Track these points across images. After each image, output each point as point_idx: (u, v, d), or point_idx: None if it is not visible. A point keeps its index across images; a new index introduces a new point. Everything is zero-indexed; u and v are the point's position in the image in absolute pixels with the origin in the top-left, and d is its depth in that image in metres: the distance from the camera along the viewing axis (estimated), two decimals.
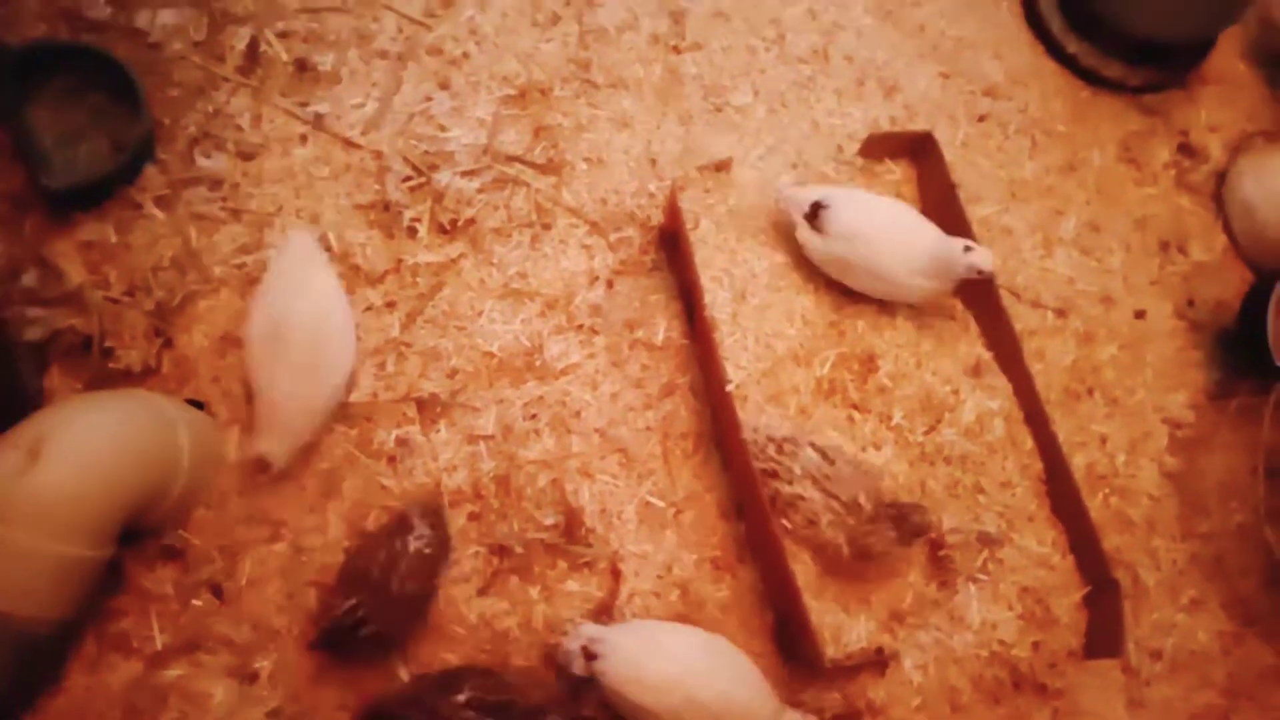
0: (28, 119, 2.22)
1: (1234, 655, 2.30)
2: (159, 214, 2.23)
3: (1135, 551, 2.34)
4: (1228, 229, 2.79)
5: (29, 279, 2.11)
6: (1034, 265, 2.61)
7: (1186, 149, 2.90)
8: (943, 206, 2.44)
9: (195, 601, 1.93)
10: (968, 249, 2.18)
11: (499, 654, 1.98)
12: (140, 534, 1.91)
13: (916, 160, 2.57)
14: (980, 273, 2.19)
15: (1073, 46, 2.93)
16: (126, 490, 1.76)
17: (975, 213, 2.57)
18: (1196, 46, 2.99)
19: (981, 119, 2.80)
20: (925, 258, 2.23)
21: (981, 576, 2.15)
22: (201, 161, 2.31)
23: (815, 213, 2.29)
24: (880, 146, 2.56)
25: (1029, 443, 2.31)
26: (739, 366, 2.25)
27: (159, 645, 1.88)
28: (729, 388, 2.14)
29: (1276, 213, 2.69)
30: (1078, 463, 2.35)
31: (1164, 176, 2.85)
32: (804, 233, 2.32)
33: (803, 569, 2.08)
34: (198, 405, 2.05)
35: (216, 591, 1.95)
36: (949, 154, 2.51)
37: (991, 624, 2.14)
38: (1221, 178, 2.84)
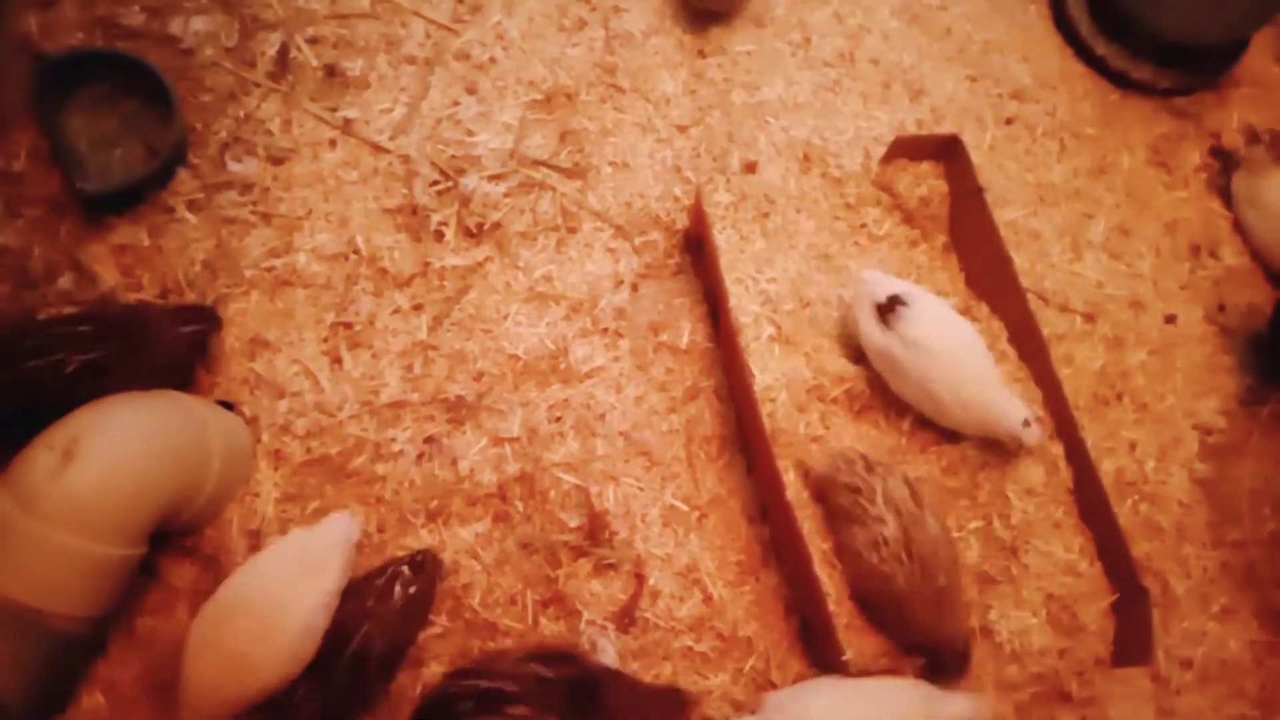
0: (64, 125, 2.26)
1: (1266, 665, 2.27)
2: (191, 218, 2.26)
3: (1165, 559, 2.31)
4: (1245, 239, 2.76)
5: (65, 281, 2.15)
6: (1062, 269, 2.59)
7: (1218, 152, 2.86)
8: (971, 209, 2.42)
9: None
10: (1026, 424, 2.11)
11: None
12: (171, 534, 1.93)
13: (944, 163, 2.56)
14: (1021, 447, 2.16)
15: (1102, 49, 2.90)
16: (158, 490, 1.79)
17: (1003, 216, 2.56)
18: (1228, 48, 2.95)
19: (1009, 122, 2.78)
20: (979, 402, 2.13)
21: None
22: (232, 166, 2.34)
23: (892, 306, 2.15)
24: (907, 149, 2.55)
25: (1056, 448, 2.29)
26: (764, 370, 2.24)
27: None
28: (755, 388, 2.14)
29: (1274, 234, 2.67)
30: (1106, 469, 2.33)
31: (1195, 180, 2.82)
32: (868, 321, 2.18)
33: (827, 577, 2.08)
34: (228, 406, 2.08)
35: None
36: (976, 157, 2.49)
37: (1018, 632, 2.12)
38: None
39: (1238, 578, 2.33)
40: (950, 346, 2.15)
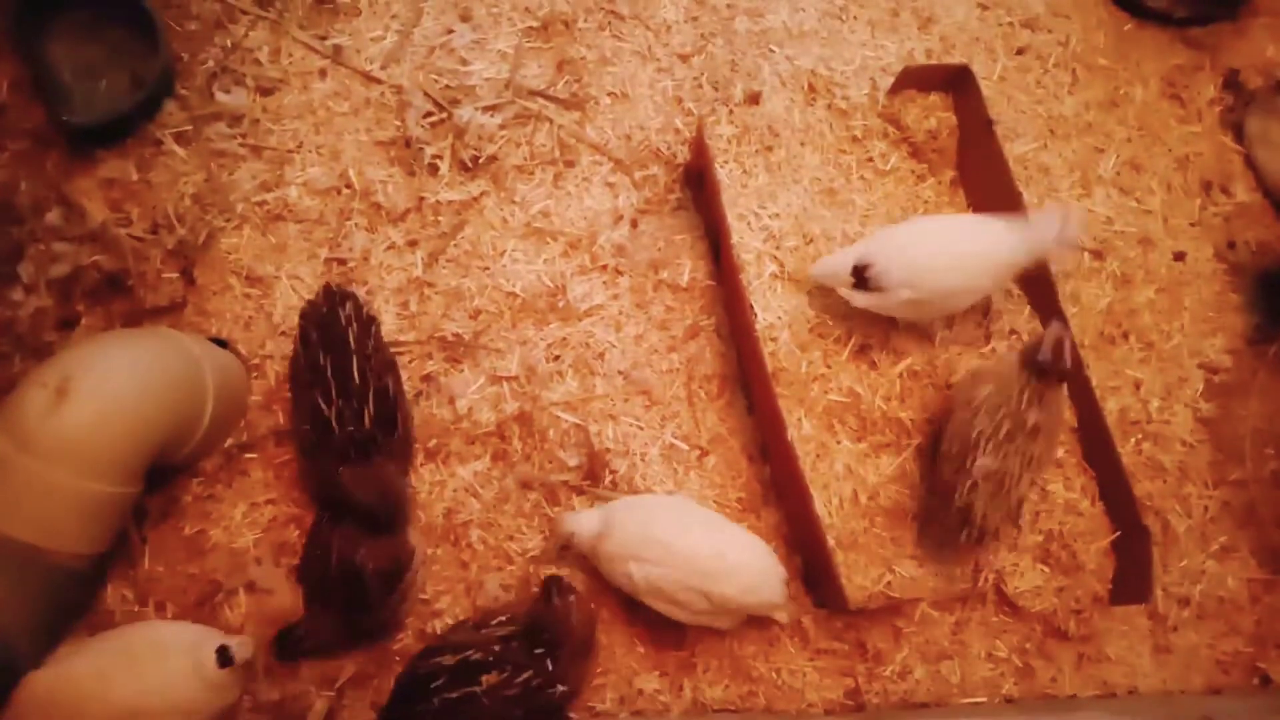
0: (46, 54, 2.19)
1: (1263, 603, 2.28)
2: (179, 150, 2.21)
3: (1166, 498, 2.31)
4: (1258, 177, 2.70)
5: (53, 216, 2.11)
6: (1072, 205, 2.53)
7: (1233, 85, 2.78)
8: (979, 143, 2.36)
9: None
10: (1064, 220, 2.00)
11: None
12: (166, 471, 1.92)
13: (953, 95, 2.49)
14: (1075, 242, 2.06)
15: None
16: (153, 427, 1.77)
17: (1012, 150, 2.50)
18: None
19: (1020, 52, 2.70)
20: (1008, 255, 2.05)
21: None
22: (221, 97, 2.28)
23: (863, 275, 2.07)
24: (915, 80, 2.48)
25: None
26: (766, 308, 2.21)
27: None
28: (757, 327, 2.11)
29: None
30: (1110, 407, 2.31)
31: (1208, 114, 2.74)
32: (858, 298, 2.12)
33: (828, 514, 2.07)
34: (221, 344, 2.05)
35: None
36: (986, 89, 2.42)
37: (1017, 569, 2.12)
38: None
39: (1238, 517, 2.33)
40: (938, 250, 2.09)
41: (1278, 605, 2.28)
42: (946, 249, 2.09)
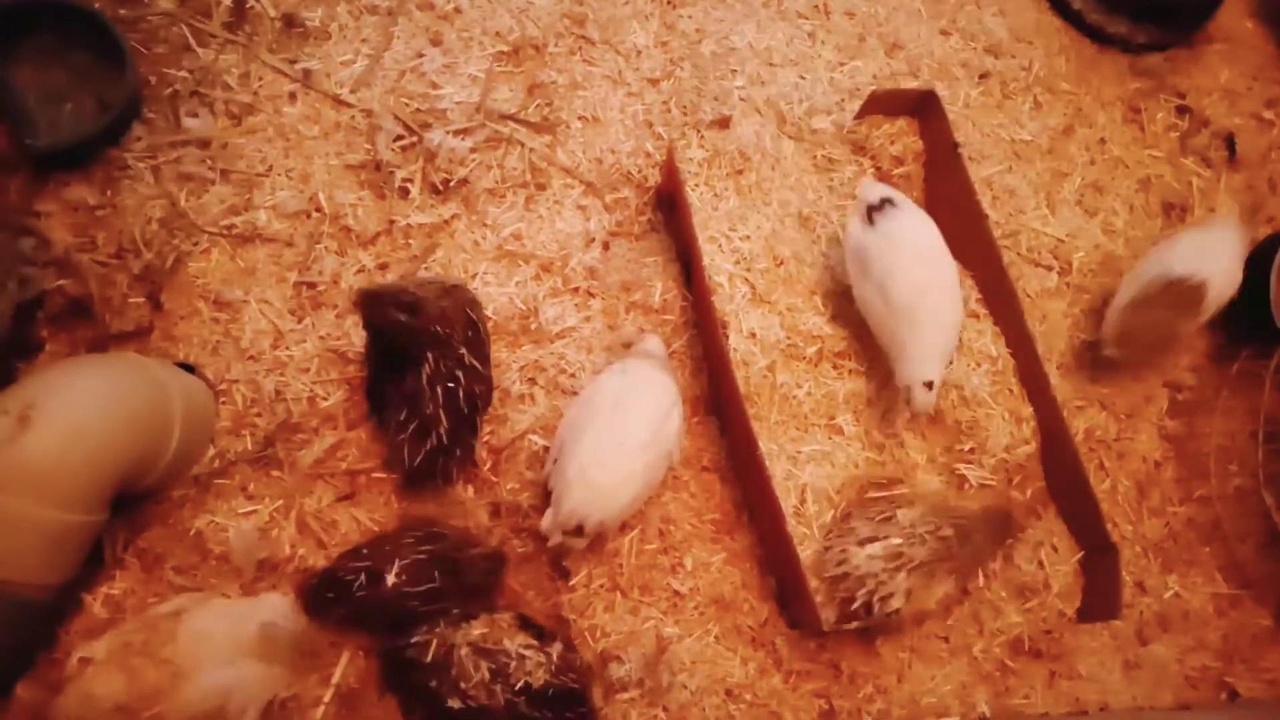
0: (10, 78, 2.17)
1: (1229, 617, 2.31)
2: (146, 174, 2.19)
3: (1133, 514, 2.34)
4: None
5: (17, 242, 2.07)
6: (1037, 225, 2.57)
7: (1189, 110, 2.85)
8: (945, 166, 2.40)
9: None
10: (928, 386, 2.04)
11: None
12: (133, 499, 1.89)
13: (919, 119, 2.53)
14: (908, 401, 2.09)
15: (1077, 3, 2.87)
16: (118, 455, 1.74)
17: (979, 172, 2.54)
18: (1203, 4, 2.92)
19: (984, 77, 2.75)
20: (912, 324, 2.06)
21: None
22: (188, 121, 2.26)
23: (881, 206, 2.12)
24: (882, 105, 2.51)
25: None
26: (739, 330, 2.22)
27: None
28: (729, 349, 2.12)
29: None
30: (1077, 425, 2.34)
31: (1166, 138, 2.81)
32: (855, 221, 2.17)
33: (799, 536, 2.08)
34: (189, 369, 2.03)
35: None
36: (951, 112, 2.46)
37: (986, 590, 2.14)
38: (1229, 139, 2.79)
39: (1203, 533, 2.37)
40: (921, 250, 2.12)
41: (1243, 620, 2.31)
42: (928, 270, 2.12)
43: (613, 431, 1.88)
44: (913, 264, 2.09)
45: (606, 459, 1.85)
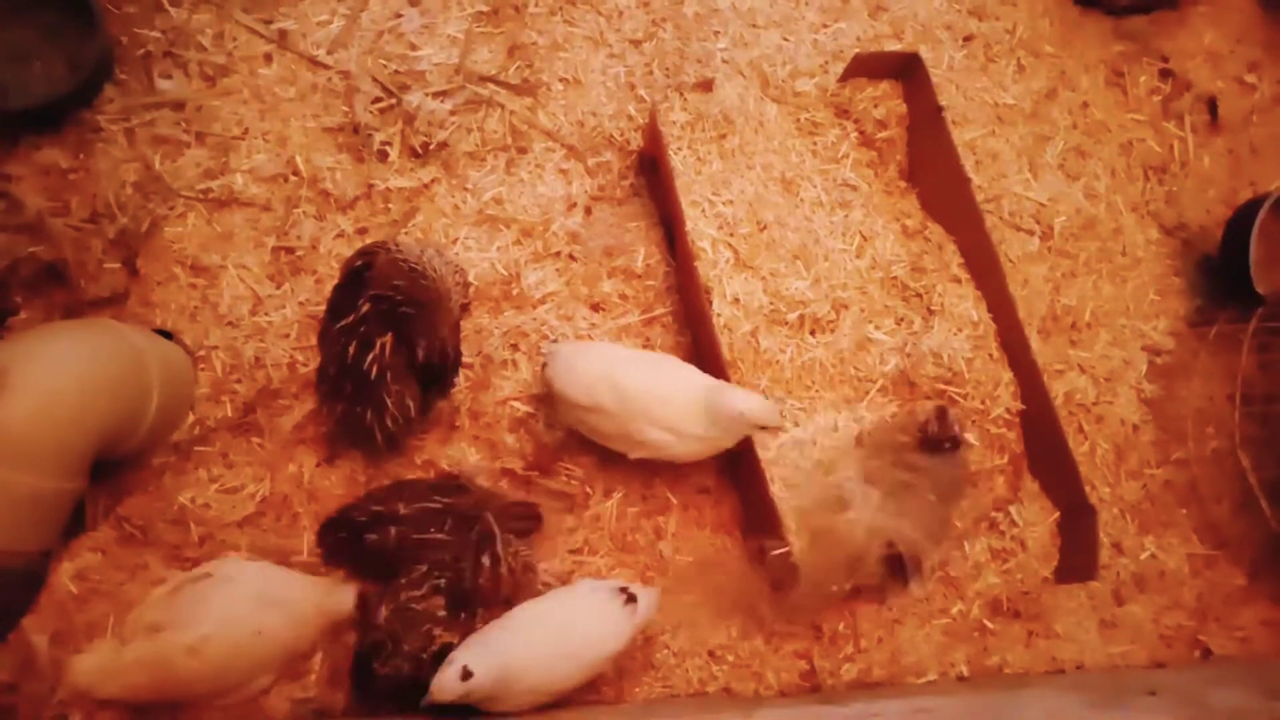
0: None
1: (1204, 577, 2.35)
2: (120, 137, 2.15)
3: (1110, 477, 2.36)
4: None
5: None
6: (1019, 190, 2.57)
7: (1172, 73, 2.84)
8: (929, 129, 2.39)
9: None
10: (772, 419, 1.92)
11: None
12: (113, 465, 1.88)
13: (903, 82, 2.51)
14: (764, 428, 1.94)
15: None
16: (95, 421, 1.73)
17: (962, 136, 2.53)
18: None
19: (968, 39, 2.73)
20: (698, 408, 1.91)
21: None
22: (162, 83, 2.22)
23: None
24: (866, 67, 2.49)
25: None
26: (722, 295, 2.21)
27: None
28: (712, 313, 2.11)
29: None
30: (1057, 389, 2.36)
31: (1149, 102, 2.80)
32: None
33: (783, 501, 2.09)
34: (166, 335, 2.01)
35: None
36: (935, 75, 2.44)
37: (964, 552, 2.16)
38: (1211, 103, 2.79)
39: (1180, 494, 2.39)
40: (629, 370, 1.97)
41: (1218, 580, 2.35)
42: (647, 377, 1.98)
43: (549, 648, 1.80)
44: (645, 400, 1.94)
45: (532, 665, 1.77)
